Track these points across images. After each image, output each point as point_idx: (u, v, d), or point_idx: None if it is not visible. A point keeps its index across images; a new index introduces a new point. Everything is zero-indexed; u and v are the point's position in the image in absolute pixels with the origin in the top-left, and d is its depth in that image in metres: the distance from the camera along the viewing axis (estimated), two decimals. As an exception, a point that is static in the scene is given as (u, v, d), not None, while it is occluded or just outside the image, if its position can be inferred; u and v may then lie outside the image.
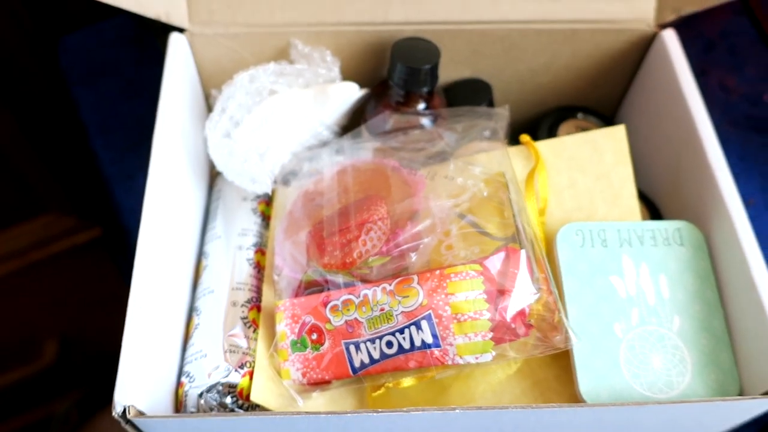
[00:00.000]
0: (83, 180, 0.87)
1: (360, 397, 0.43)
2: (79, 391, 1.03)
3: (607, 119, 0.55)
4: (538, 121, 0.55)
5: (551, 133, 0.54)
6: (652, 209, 0.51)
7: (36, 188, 0.88)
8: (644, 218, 0.50)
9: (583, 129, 0.49)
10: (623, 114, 0.57)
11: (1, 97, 0.76)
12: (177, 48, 0.48)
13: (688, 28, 0.75)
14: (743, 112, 0.71)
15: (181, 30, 0.49)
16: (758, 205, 0.64)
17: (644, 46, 0.51)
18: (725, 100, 0.72)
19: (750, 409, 0.38)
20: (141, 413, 0.34)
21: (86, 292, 0.98)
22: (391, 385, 0.40)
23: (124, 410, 0.34)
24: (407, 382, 0.40)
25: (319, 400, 0.42)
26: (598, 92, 0.55)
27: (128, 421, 0.34)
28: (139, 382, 0.36)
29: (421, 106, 0.48)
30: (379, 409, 0.35)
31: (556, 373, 0.42)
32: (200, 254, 0.48)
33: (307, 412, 0.34)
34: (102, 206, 0.81)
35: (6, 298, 0.95)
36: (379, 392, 0.41)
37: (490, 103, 0.53)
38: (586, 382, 0.39)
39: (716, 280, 0.43)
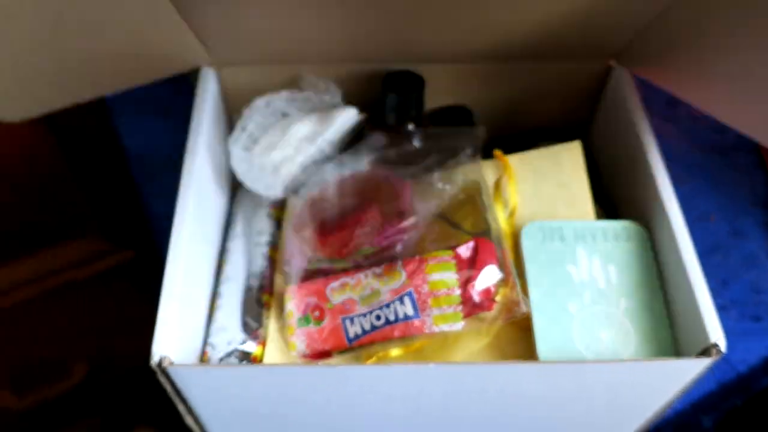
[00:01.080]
0: (120, 206, 0.94)
1: (355, 368, 0.50)
2: (102, 416, 1.07)
3: (575, 138, 0.63)
4: (515, 142, 0.63)
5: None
6: (612, 211, 0.58)
7: (74, 212, 0.96)
8: (603, 218, 0.57)
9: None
10: (593, 134, 0.65)
11: (48, 126, 0.86)
12: (206, 79, 0.57)
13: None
14: (709, 138, 0.79)
15: (209, 65, 0.58)
16: (718, 220, 0.71)
17: (602, 80, 0.60)
18: (693, 128, 0.80)
19: (684, 370, 0.44)
20: (173, 363, 0.42)
21: (119, 315, 1.01)
22: (381, 354, 0.48)
23: (160, 360, 0.42)
24: (395, 351, 0.48)
25: (320, 371, 0.49)
26: (568, 117, 0.63)
27: (163, 371, 0.42)
28: (172, 346, 0.43)
29: (410, 126, 0.57)
30: (366, 364, 0.42)
31: (524, 347, 0.49)
32: (223, 250, 0.56)
33: (305, 365, 0.41)
34: (137, 229, 0.88)
35: (40, 317, 1.00)
36: (371, 360, 0.48)
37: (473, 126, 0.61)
38: (544, 352, 0.46)
39: (658, 270, 0.50)
